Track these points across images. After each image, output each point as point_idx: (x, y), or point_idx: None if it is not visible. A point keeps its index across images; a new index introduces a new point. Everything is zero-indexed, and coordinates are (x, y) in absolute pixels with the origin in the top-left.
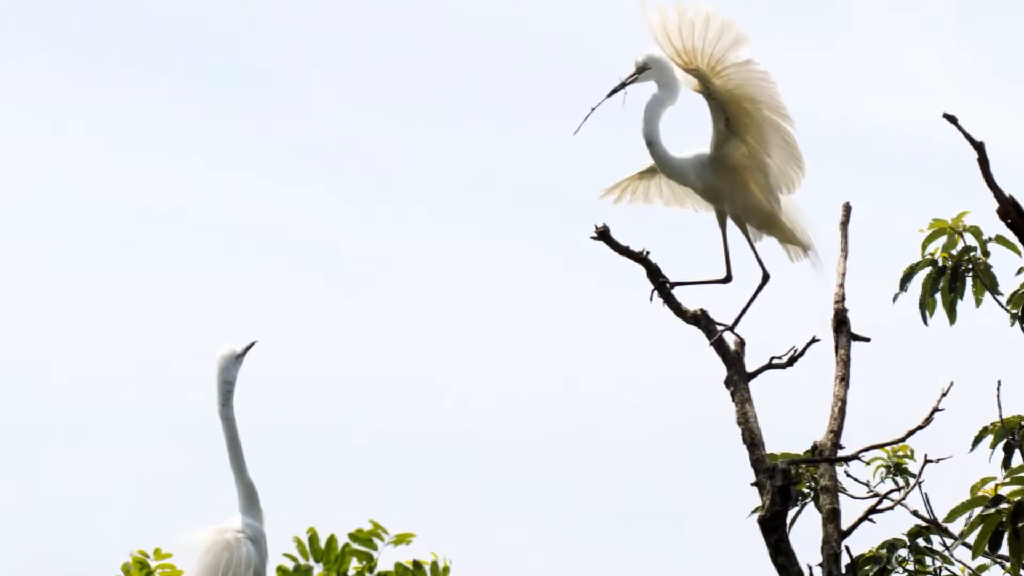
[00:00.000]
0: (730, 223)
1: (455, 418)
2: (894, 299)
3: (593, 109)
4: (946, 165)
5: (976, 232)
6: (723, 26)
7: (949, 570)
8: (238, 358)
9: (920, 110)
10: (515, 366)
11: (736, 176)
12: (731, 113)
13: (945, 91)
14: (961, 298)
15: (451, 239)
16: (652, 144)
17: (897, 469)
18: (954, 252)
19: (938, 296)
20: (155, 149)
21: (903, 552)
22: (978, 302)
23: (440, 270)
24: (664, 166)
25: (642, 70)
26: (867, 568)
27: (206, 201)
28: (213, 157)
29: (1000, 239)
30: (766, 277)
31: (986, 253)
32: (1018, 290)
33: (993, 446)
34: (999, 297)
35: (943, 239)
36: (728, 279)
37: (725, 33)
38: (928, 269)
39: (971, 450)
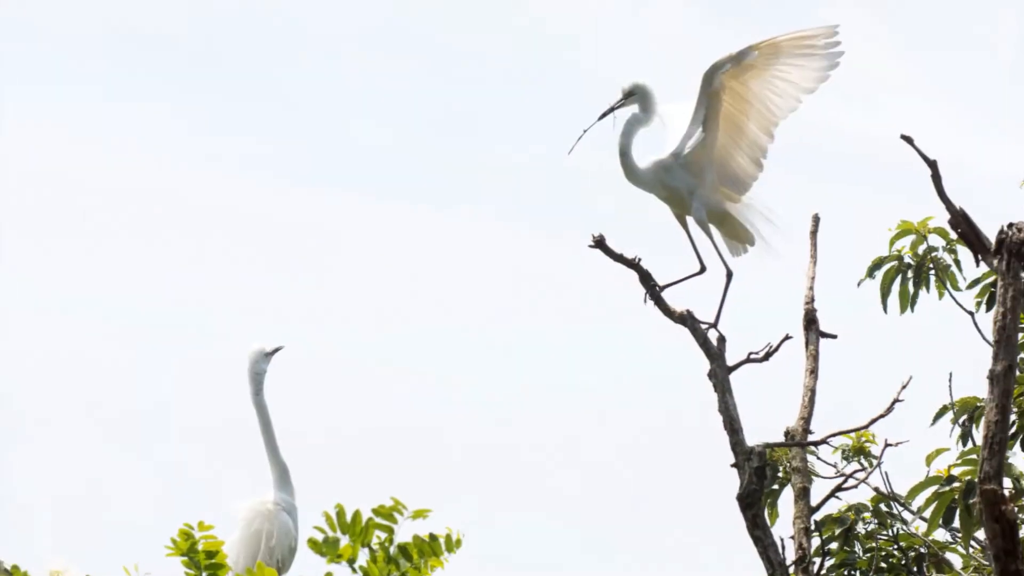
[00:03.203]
0: (691, 223)
1: (438, 411)
2: (858, 284)
3: (585, 131)
4: (908, 174)
5: (943, 233)
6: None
7: (905, 530)
8: (267, 355)
9: (878, 117)
10: (500, 361)
11: (698, 177)
12: (729, 108)
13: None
14: (919, 292)
15: (456, 242)
16: (624, 155)
17: (859, 452)
18: (919, 251)
19: (895, 286)
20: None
21: (867, 514)
22: (940, 295)
23: (442, 272)
24: (633, 176)
25: (628, 96)
26: (832, 528)
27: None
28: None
29: (960, 241)
30: (730, 274)
31: (952, 251)
32: (977, 294)
33: (955, 420)
34: (956, 294)
35: (910, 239)
36: (703, 270)
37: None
38: (894, 263)
39: (932, 424)
